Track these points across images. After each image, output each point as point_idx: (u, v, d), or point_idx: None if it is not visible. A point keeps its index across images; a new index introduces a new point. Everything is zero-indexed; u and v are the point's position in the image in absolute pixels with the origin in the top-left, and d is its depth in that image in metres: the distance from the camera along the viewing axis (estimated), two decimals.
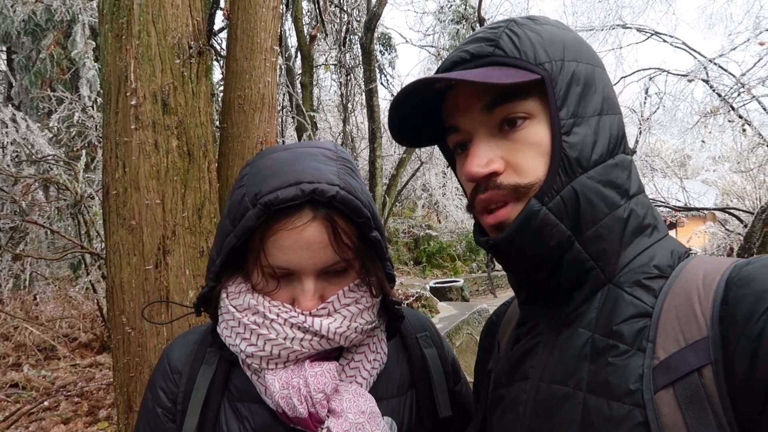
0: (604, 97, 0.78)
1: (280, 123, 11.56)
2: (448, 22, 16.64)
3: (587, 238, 0.74)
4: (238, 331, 0.91)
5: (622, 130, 0.80)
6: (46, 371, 5.91)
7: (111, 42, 2.02)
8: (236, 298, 0.93)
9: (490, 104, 0.77)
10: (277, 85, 2.55)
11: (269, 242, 0.86)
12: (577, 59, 0.77)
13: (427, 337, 1.11)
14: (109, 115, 2.02)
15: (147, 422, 1.00)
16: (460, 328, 6.74)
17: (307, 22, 13.36)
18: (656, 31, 11.16)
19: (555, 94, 0.74)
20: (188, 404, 0.95)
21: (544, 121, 0.75)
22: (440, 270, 16.40)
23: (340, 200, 0.86)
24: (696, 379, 0.62)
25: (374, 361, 0.99)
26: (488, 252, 0.84)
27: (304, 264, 0.87)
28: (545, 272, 0.77)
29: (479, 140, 0.79)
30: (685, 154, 27.80)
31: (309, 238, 0.85)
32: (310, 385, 0.87)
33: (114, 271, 1.99)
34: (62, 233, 6.30)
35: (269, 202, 0.84)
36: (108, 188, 2.01)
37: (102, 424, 4.50)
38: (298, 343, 0.88)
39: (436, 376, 1.06)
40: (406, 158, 14.35)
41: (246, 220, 0.85)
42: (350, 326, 0.91)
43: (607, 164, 0.75)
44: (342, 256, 0.88)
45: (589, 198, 0.73)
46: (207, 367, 0.98)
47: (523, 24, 0.79)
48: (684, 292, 0.69)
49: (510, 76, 0.73)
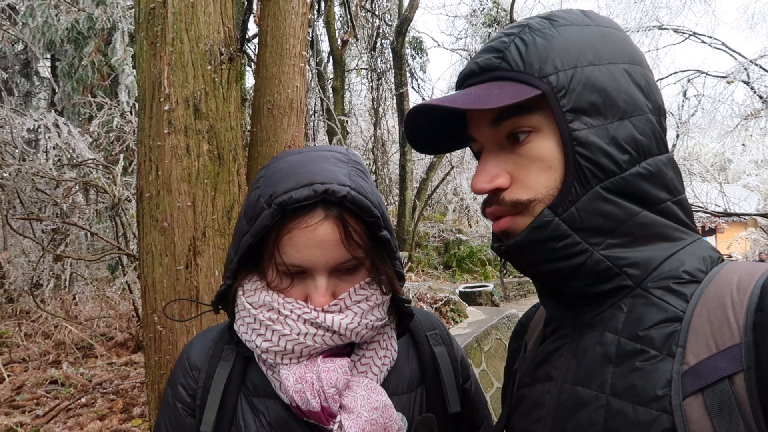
0: (628, 99, 0.74)
1: (311, 127, 11.68)
2: (480, 25, 16.58)
3: (607, 246, 0.73)
4: (253, 327, 0.95)
5: (655, 130, 0.76)
6: (83, 369, 6.09)
7: (146, 49, 2.09)
8: (252, 295, 0.96)
9: (497, 119, 0.77)
10: (308, 89, 2.58)
11: (283, 240, 0.90)
12: (594, 62, 0.74)
13: (437, 335, 1.14)
14: (143, 120, 2.09)
15: (167, 417, 1.04)
16: (489, 333, 6.68)
17: (338, 27, 13.49)
18: (694, 32, 10.92)
19: (563, 106, 0.72)
20: (207, 399, 0.99)
21: (552, 134, 0.74)
22: (470, 274, 16.28)
23: (351, 200, 0.89)
24: (727, 386, 0.61)
25: (384, 357, 1.01)
26: (501, 257, 0.84)
27: (316, 261, 0.90)
28: (557, 279, 0.77)
29: (488, 154, 0.80)
30: (726, 158, 27.02)
31: (321, 236, 0.89)
32: (322, 380, 0.90)
33: (147, 272, 2.05)
34: (101, 235, 6.48)
35: (283, 202, 0.87)
36: (141, 191, 2.07)
37: (136, 421, 4.61)
38: (311, 339, 0.91)
39: (445, 373, 1.08)
40: (437, 162, 14.33)
41: (261, 220, 0.89)
42: (361, 322, 0.93)
43: (630, 173, 0.72)
44: (353, 253, 0.91)
45: (605, 209, 0.72)
46: (224, 363, 1.01)
47: (536, 29, 0.76)
48: (717, 297, 0.67)
49: (505, 97, 0.72)
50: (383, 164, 16.14)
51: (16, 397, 5.19)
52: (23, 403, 5.05)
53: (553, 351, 0.83)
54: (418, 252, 15.60)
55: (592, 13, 0.81)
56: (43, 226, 7.17)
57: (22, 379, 5.63)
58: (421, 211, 14.51)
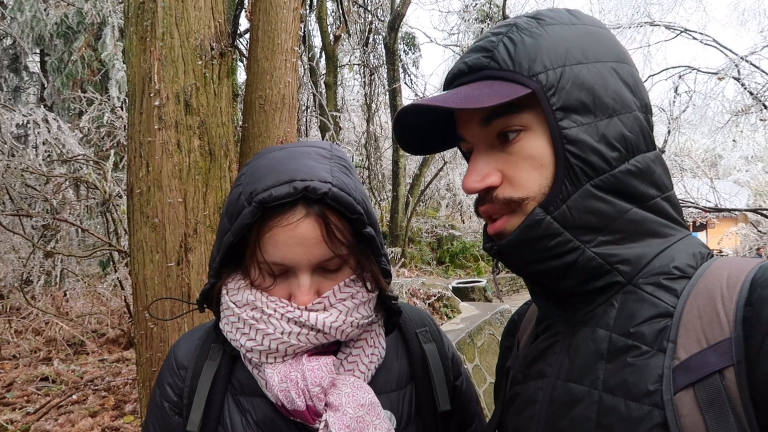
0: (616, 96, 0.75)
1: (304, 123, 11.64)
2: (473, 21, 16.57)
3: (599, 243, 0.74)
4: (238, 326, 0.94)
5: (642, 127, 0.76)
6: (75, 365, 6.06)
7: (136, 44, 2.07)
8: (235, 294, 0.95)
9: (487, 118, 0.77)
10: (300, 85, 2.57)
11: (264, 239, 0.89)
12: (582, 60, 0.75)
13: (427, 332, 1.13)
14: (133, 116, 2.07)
15: (155, 416, 1.04)
16: (482, 328, 6.71)
17: (331, 22, 13.45)
18: (686, 29, 10.94)
19: (553, 105, 0.73)
20: (193, 398, 0.98)
21: (542, 132, 0.74)
22: (463, 270, 16.31)
23: (332, 197, 0.88)
24: (717, 381, 0.61)
25: (372, 355, 1.00)
26: (493, 257, 0.85)
27: (299, 260, 0.89)
28: (549, 277, 0.78)
29: (478, 154, 0.80)
30: (716, 153, 27.22)
31: (302, 234, 0.88)
32: (307, 379, 0.90)
33: (138, 268, 2.04)
34: (92, 231, 6.45)
35: (263, 200, 0.87)
36: (132, 187, 2.06)
37: (128, 417, 4.59)
38: (295, 338, 0.90)
39: (435, 370, 1.08)
40: (430, 158, 14.34)
41: (242, 218, 0.88)
42: (345, 320, 0.92)
43: (620, 170, 0.73)
44: (335, 251, 0.90)
45: (595, 207, 0.73)
46: (211, 362, 1.01)
47: (524, 28, 0.77)
48: (707, 292, 0.67)
49: (496, 96, 0.72)
50: (376, 160, 16.12)
51: (6, 395, 5.16)
52: (14, 401, 5.02)
53: (545, 348, 0.83)
54: (411, 247, 15.61)
55: (579, 12, 0.81)
56: (33, 222, 7.11)
57: (12, 376, 5.60)
58: (414, 206, 14.52)
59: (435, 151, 0.94)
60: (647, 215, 0.75)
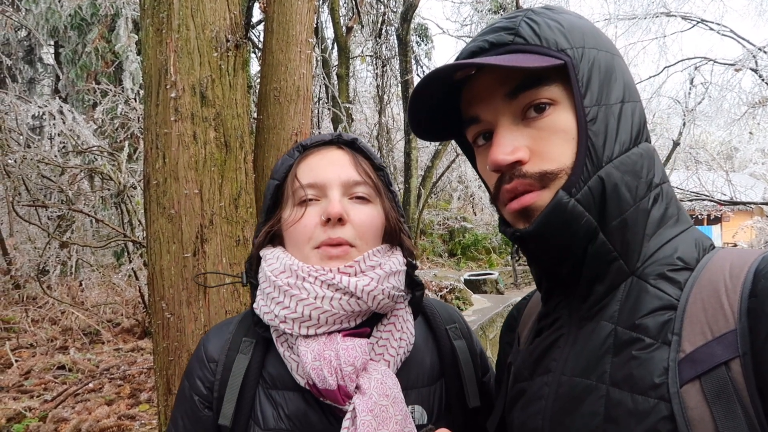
0: (625, 84, 0.77)
1: (316, 114, 11.65)
2: (486, 11, 16.41)
3: (612, 229, 0.73)
4: (273, 296, 0.96)
5: (644, 118, 0.78)
6: (90, 354, 6.15)
7: (152, 36, 2.08)
8: (273, 262, 0.99)
9: (514, 90, 0.76)
10: (313, 76, 2.57)
11: (300, 166, 1.03)
12: (597, 47, 0.76)
13: (456, 329, 1.14)
14: (149, 108, 2.08)
15: (184, 409, 1.05)
16: (493, 320, 6.71)
17: (343, 13, 13.39)
18: (702, 19, 10.77)
19: (579, 81, 0.73)
20: (225, 392, 0.99)
21: (569, 108, 0.74)
22: (475, 262, 16.29)
23: (361, 144, 1.07)
24: (723, 373, 0.61)
25: (400, 339, 1.01)
26: (513, 243, 0.83)
27: (330, 176, 1.00)
28: (569, 264, 0.76)
29: (502, 128, 0.77)
30: (732, 146, 26.85)
31: (333, 156, 1.04)
32: (341, 358, 0.91)
33: (154, 259, 2.05)
34: (106, 222, 6.51)
35: (304, 144, 1.06)
36: (149, 178, 2.07)
37: (143, 406, 4.66)
38: (328, 303, 0.92)
39: (465, 367, 1.09)
40: (442, 150, 14.28)
41: (285, 161, 1.05)
42: (377, 287, 0.95)
43: (632, 153, 0.74)
44: (362, 177, 1.02)
45: (616, 188, 0.72)
46: (242, 356, 1.02)
47: (540, 13, 0.78)
48: (710, 284, 0.67)
49: (535, 61, 0.72)
50: (388, 152, 16.07)
51: (24, 382, 5.25)
52: (31, 388, 5.11)
53: (551, 343, 0.82)
54: (423, 240, 15.61)
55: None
56: (48, 213, 7.21)
57: (29, 364, 5.69)
58: (426, 198, 14.48)
59: (440, 139, 0.95)
60: (654, 203, 0.75)
